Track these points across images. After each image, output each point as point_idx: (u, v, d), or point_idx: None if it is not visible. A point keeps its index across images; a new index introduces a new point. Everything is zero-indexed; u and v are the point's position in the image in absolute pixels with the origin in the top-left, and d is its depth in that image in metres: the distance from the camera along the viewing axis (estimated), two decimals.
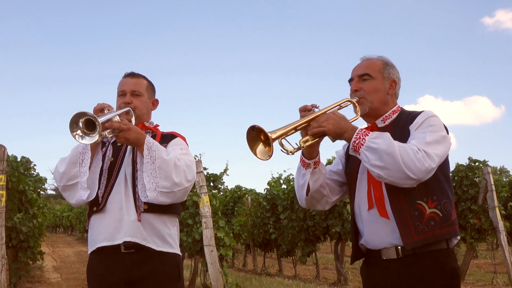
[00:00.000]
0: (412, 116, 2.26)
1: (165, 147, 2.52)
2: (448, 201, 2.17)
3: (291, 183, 10.86)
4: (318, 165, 2.29)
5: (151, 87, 2.76)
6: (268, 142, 2.06)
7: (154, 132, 2.68)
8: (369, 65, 2.36)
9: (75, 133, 2.22)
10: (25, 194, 7.77)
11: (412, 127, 2.20)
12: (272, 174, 12.03)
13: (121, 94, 2.67)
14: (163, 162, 2.38)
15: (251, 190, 14.56)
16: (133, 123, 2.54)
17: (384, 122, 2.33)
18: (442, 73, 66.00)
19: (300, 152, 2.27)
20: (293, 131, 2.14)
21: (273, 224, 11.20)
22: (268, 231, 11.30)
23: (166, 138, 2.64)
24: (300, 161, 2.31)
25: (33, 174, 8.52)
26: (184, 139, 2.70)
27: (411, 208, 2.12)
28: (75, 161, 2.47)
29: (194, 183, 5.72)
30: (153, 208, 2.46)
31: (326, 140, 2.22)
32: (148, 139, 2.41)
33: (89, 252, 2.57)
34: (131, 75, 2.72)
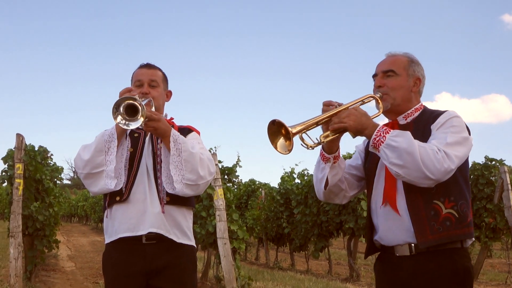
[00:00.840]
0: (434, 115, 2.23)
1: None
2: (465, 202, 2.16)
3: (305, 178, 10.85)
4: (338, 159, 2.29)
5: (165, 79, 2.75)
6: (288, 136, 2.06)
7: (170, 125, 2.64)
8: (394, 61, 2.34)
9: (117, 120, 2.23)
10: (41, 183, 7.81)
11: (433, 127, 2.18)
12: (284, 169, 12.04)
13: (138, 84, 2.63)
14: (190, 155, 2.38)
15: (265, 184, 14.57)
16: None
17: (405, 119, 2.31)
18: (460, 70, 65.40)
19: (320, 146, 2.26)
20: (314, 125, 2.14)
21: (286, 218, 11.21)
22: (281, 225, 11.31)
23: (183, 132, 2.62)
24: (320, 155, 2.30)
25: (50, 163, 8.59)
26: (199, 133, 2.71)
27: (428, 207, 2.11)
28: (101, 149, 2.42)
29: None
30: (174, 200, 2.47)
31: (346, 134, 2.21)
32: (174, 131, 2.41)
33: (107, 241, 2.55)
34: (148, 66, 2.69)
